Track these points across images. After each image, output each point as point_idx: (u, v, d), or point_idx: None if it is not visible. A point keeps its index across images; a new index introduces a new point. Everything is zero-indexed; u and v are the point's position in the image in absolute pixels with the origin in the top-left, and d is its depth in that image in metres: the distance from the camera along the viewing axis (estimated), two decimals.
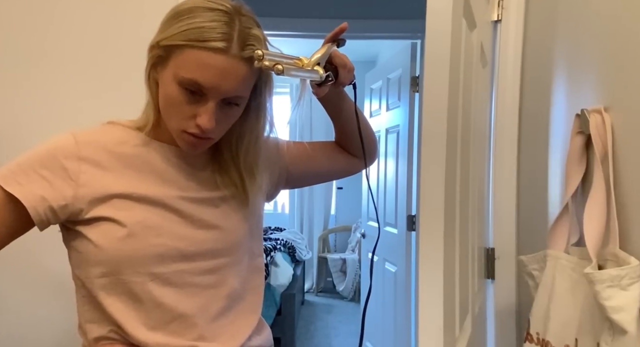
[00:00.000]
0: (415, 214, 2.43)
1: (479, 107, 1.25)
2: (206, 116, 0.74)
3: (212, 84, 0.72)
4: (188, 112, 0.75)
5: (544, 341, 0.92)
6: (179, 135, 0.78)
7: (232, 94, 0.75)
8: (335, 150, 1.06)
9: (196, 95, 0.74)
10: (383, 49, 4.37)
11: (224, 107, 0.76)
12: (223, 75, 0.72)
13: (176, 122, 0.77)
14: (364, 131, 0.99)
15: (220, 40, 0.71)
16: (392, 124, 2.69)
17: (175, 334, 0.80)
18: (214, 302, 0.84)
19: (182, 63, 0.73)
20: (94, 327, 0.80)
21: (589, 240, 0.82)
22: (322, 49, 0.84)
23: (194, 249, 0.81)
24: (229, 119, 0.79)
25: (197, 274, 0.82)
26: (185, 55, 0.72)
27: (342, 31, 0.87)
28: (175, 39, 0.73)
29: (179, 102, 0.75)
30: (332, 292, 4.91)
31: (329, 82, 0.86)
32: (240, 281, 0.89)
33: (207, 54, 0.71)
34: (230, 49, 0.72)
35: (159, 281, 0.79)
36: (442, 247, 0.83)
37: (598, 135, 0.86)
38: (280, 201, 5.51)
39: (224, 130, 0.80)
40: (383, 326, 2.72)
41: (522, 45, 1.38)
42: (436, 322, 0.82)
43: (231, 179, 0.86)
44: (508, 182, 1.39)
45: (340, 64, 0.87)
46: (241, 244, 0.88)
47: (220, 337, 0.84)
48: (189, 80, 0.72)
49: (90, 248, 0.77)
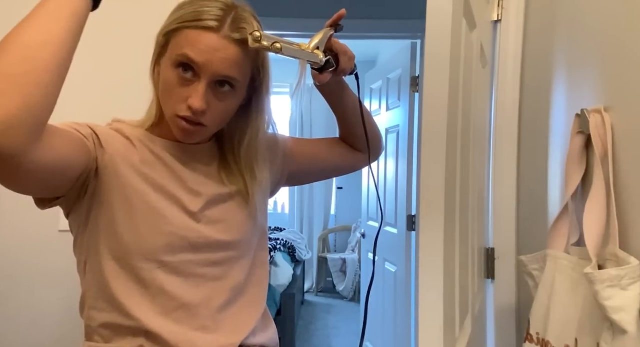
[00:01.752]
0: (415, 214, 2.43)
1: (479, 107, 1.25)
2: (197, 96, 0.75)
3: (202, 60, 0.74)
4: (181, 95, 0.76)
5: (544, 341, 0.92)
6: (173, 122, 0.79)
7: (223, 73, 0.76)
8: (339, 146, 1.07)
9: (189, 74, 0.75)
10: (383, 49, 4.37)
11: (216, 90, 0.77)
12: (213, 53, 0.74)
13: (171, 107, 0.78)
14: (368, 124, 0.99)
15: (212, 20, 0.74)
16: (392, 124, 2.69)
17: (178, 321, 0.81)
18: (218, 294, 0.85)
19: (177, 44, 0.76)
20: (98, 313, 0.81)
21: (589, 240, 0.82)
22: (319, 34, 0.84)
23: (202, 241, 0.83)
24: (223, 105, 0.79)
25: (203, 265, 0.84)
26: (180, 36, 0.76)
27: (340, 17, 0.87)
28: (173, 24, 0.77)
29: (174, 85, 0.76)
30: (332, 292, 4.91)
31: (330, 68, 0.86)
32: (245, 275, 0.90)
33: (199, 31, 0.74)
34: (222, 29, 0.74)
35: (166, 269, 0.80)
36: (442, 247, 0.83)
37: (598, 135, 0.86)
38: (280, 200, 5.51)
39: (218, 118, 0.80)
40: (383, 326, 2.72)
41: (522, 45, 1.38)
42: (436, 322, 0.82)
43: (235, 176, 0.88)
44: (508, 182, 1.39)
45: (341, 51, 0.87)
46: (247, 238, 0.89)
47: (222, 329, 0.85)
48: (181, 56, 0.74)
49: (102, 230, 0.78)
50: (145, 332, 0.79)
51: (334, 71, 0.87)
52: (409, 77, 2.47)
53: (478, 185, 1.26)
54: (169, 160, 0.84)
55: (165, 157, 0.84)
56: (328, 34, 0.85)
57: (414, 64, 2.49)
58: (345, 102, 0.98)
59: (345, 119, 1.02)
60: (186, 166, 0.85)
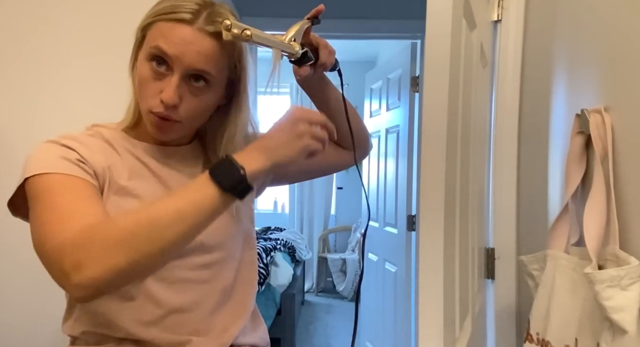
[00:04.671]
0: (415, 214, 2.43)
1: (479, 107, 1.25)
2: (169, 90, 0.73)
3: (174, 52, 0.73)
4: (155, 89, 0.75)
5: (544, 341, 0.92)
6: (147, 118, 0.77)
7: (196, 66, 0.74)
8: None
9: (162, 68, 0.74)
10: (383, 49, 4.36)
11: (190, 84, 0.76)
12: (186, 45, 0.73)
13: (145, 103, 0.77)
14: (353, 122, 0.97)
15: (186, 13, 0.73)
16: (392, 124, 2.68)
17: (169, 329, 0.80)
18: (208, 296, 0.85)
19: (151, 37, 0.75)
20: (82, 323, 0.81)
21: (589, 240, 0.82)
22: (295, 26, 0.82)
23: None
24: (197, 101, 0.77)
25: (191, 269, 0.83)
26: (154, 29, 0.75)
27: (318, 12, 0.86)
28: (149, 19, 0.76)
29: (147, 79, 0.75)
30: (332, 292, 4.91)
31: (308, 62, 0.84)
32: (234, 275, 0.89)
33: (172, 24, 0.73)
34: (196, 22, 0.73)
35: (153, 277, 0.79)
36: (442, 247, 0.83)
37: (598, 136, 0.86)
38: (280, 200, 5.51)
39: (192, 113, 0.78)
40: (383, 326, 2.72)
41: (522, 45, 1.38)
42: (436, 322, 0.82)
43: None
44: (508, 182, 1.39)
45: (321, 44, 0.87)
46: (233, 239, 0.89)
47: (212, 331, 0.85)
48: (154, 48, 0.74)
49: None
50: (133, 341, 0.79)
51: (313, 65, 0.86)
52: (409, 77, 2.47)
53: (478, 185, 1.26)
54: (154, 165, 0.83)
55: (149, 163, 0.83)
56: (304, 26, 0.83)
57: (414, 64, 2.49)
58: (328, 98, 0.97)
59: (329, 116, 1.01)
60: (170, 169, 0.84)
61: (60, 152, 0.74)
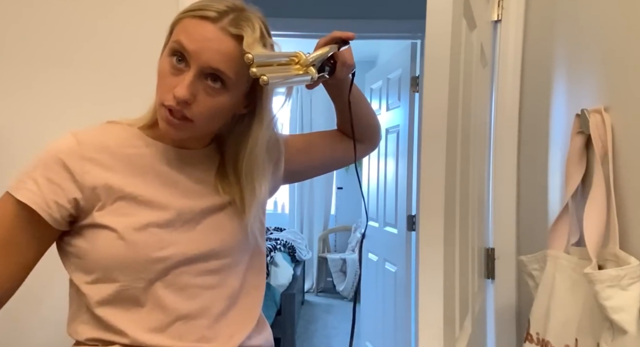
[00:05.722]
0: (415, 214, 2.43)
1: (479, 107, 1.25)
2: (183, 84, 0.73)
3: (193, 47, 0.72)
4: (170, 84, 0.74)
5: (544, 341, 0.92)
6: (159, 112, 0.76)
7: (212, 65, 0.73)
8: (336, 138, 1.06)
9: (182, 64, 0.74)
10: (383, 49, 4.37)
11: (206, 83, 0.74)
12: (205, 41, 0.73)
13: (159, 97, 0.76)
14: (365, 115, 0.99)
15: (213, 11, 0.74)
16: (392, 124, 2.68)
17: (177, 336, 0.80)
18: (215, 303, 0.84)
19: (175, 33, 0.76)
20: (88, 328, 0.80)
21: (589, 240, 0.82)
22: (322, 50, 0.83)
23: (195, 252, 0.81)
24: (211, 101, 0.76)
25: (198, 275, 0.82)
26: (180, 24, 0.76)
27: (349, 39, 0.87)
28: (178, 15, 0.77)
29: (166, 73, 0.75)
30: (332, 292, 4.91)
31: (322, 79, 0.86)
32: (241, 281, 0.88)
33: (197, 20, 0.74)
34: (220, 21, 0.73)
35: (160, 284, 0.78)
36: (442, 247, 0.83)
37: (598, 136, 0.86)
38: (280, 200, 5.51)
39: (205, 114, 0.76)
40: (383, 326, 2.72)
41: (522, 45, 1.38)
42: (436, 322, 0.82)
43: (231, 187, 0.86)
44: (508, 183, 1.39)
45: (341, 61, 0.87)
46: (241, 245, 0.88)
47: (219, 337, 0.84)
48: (175, 43, 0.74)
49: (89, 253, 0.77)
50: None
51: (328, 78, 0.88)
52: (409, 77, 2.47)
53: (478, 185, 1.26)
54: (163, 168, 0.82)
55: (160, 164, 0.82)
56: (330, 52, 0.84)
57: (414, 64, 2.48)
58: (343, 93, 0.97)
59: (343, 111, 1.01)
60: (181, 173, 0.83)
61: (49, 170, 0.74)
